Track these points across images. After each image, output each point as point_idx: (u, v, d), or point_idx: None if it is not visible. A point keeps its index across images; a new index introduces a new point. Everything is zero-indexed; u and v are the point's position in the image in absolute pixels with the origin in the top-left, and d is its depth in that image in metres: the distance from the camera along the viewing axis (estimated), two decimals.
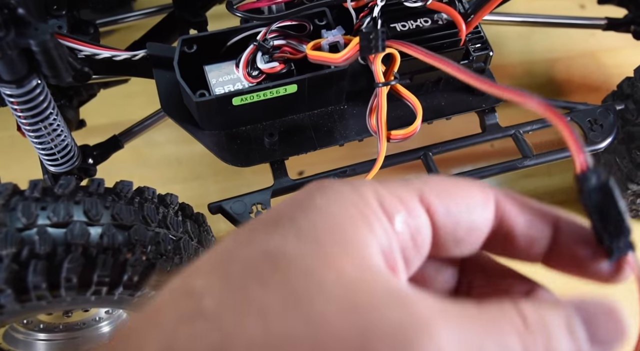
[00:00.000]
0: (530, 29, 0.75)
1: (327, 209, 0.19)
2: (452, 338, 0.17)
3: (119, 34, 0.65)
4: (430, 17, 0.41)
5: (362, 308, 0.17)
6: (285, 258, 0.18)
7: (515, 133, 0.43)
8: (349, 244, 0.18)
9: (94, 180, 0.36)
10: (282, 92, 0.39)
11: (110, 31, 0.68)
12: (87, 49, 0.39)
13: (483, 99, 0.44)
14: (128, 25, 0.64)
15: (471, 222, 0.21)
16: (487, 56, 0.42)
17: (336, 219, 0.19)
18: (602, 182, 0.20)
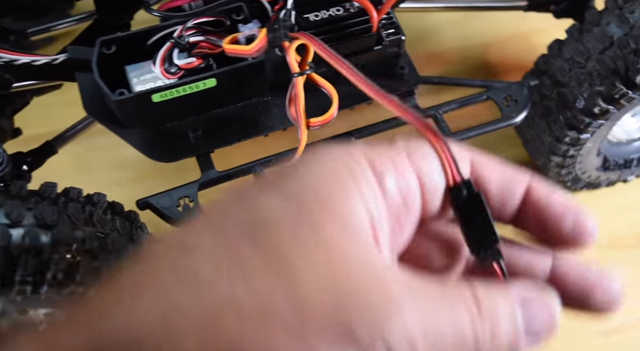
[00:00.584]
0: (465, 17, 0.77)
1: (317, 169, 0.20)
2: (416, 319, 0.18)
3: (61, 42, 0.65)
4: (342, 6, 0.42)
5: (344, 283, 0.18)
6: (273, 220, 0.18)
7: (435, 113, 0.45)
8: (336, 208, 0.19)
9: (16, 183, 0.37)
10: (202, 87, 0.40)
11: (51, 39, 0.68)
12: (4, 55, 0.39)
13: (402, 82, 0.45)
14: (68, 31, 0.64)
15: None
16: (400, 40, 0.43)
17: (324, 180, 0.19)
18: (473, 193, 0.22)
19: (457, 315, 0.19)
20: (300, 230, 0.18)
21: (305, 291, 0.18)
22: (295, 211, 0.19)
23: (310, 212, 0.19)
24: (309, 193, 0.19)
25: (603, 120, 0.47)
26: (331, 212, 0.19)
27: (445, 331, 0.19)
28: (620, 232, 0.60)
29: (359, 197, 0.19)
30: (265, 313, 0.17)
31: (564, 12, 0.58)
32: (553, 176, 0.57)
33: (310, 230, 0.18)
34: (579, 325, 0.54)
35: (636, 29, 0.44)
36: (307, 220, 0.18)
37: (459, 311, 0.19)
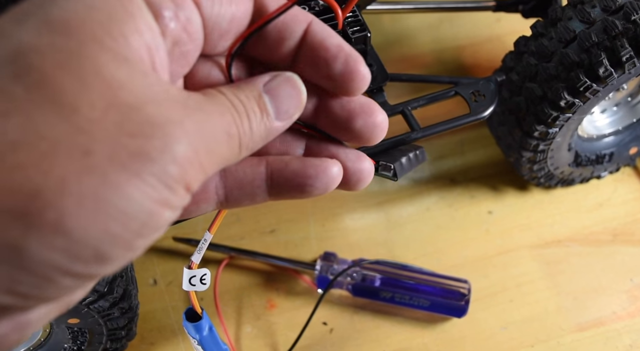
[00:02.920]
0: (439, 20, 0.78)
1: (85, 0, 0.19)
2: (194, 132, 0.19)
3: None
4: (307, 4, 0.42)
5: (124, 107, 0.18)
6: (39, 53, 0.17)
7: (404, 109, 0.45)
8: (108, 39, 0.18)
9: None
10: None
11: None
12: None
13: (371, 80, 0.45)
14: None
15: (232, 13, 0.23)
16: (366, 37, 0.44)
17: (94, 10, 0.19)
18: None
19: (225, 119, 0.21)
20: (71, 61, 0.18)
21: (85, 120, 0.17)
22: (63, 42, 0.18)
23: (80, 44, 0.18)
24: (78, 24, 0.18)
25: (570, 113, 0.48)
26: (103, 43, 0.18)
27: (219, 136, 0.21)
28: (594, 228, 0.61)
29: (133, 27, 0.19)
30: (45, 147, 0.17)
31: (532, 11, 0.59)
32: (526, 172, 0.57)
33: (82, 62, 0.18)
34: (554, 320, 0.55)
35: (597, 23, 0.45)
36: (78, 51, 0.18)
37: (226, 116, 0.21)
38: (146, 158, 0.18)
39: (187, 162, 0.19)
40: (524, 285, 0.57)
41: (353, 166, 0.26)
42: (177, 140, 0.19)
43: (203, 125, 0.20)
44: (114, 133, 0.17)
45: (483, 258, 0.58)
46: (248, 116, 0.22)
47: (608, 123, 0.60)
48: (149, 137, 0.18)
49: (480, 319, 0.55)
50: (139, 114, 0.18)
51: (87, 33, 0.18)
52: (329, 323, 0.54)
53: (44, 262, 0.17)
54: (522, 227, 0.60)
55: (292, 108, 0.24)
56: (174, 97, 0.20)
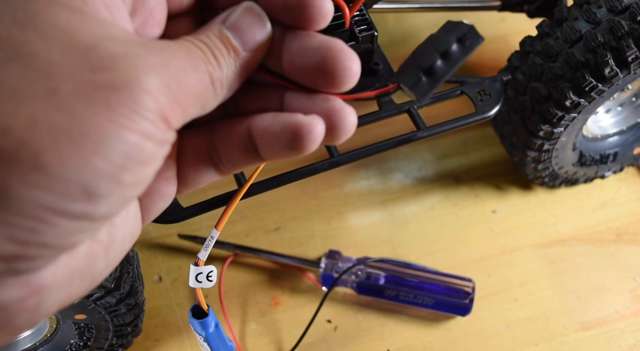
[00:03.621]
0: (445, 19, 0.78)
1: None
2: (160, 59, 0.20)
3: None
4: None
5: (82, 46, 0.18)
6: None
7: (410, 108, 0.46)
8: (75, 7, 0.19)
9: None
10: None
11: None
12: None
13: (377, 78, 0.46)
14: None
15: None
16: (373, 36, 0.44)
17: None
18: None
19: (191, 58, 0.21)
20: (26, 18, 0.18)
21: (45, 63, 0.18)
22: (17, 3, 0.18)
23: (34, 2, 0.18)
24: (49, 14, 0.19)
25: (575, 113, 0.48)
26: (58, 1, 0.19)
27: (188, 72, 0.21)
28: (598, 227, 0.61)
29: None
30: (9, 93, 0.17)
31: (537, 11, 0.60)
32: (530, 172, 0.57)
33: (36, 17, 0.18)
34: (558, 319, 0.55)
35: (603, 23, 0.45)
36: (32, 9, 0.18)
37: (193, 57, 0.21)
38: (112, 89, 0.18)
39: (159, 93, 0.19)
40: (527, 284, 0.57)
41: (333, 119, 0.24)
42: (143, 71, 0.19)
43: (169, 61, 0.20)
44: (76, 71, 0.18)
45: (487, 257, 0.58)
46: (214, 55, 0.22)
47: (612, 123, 0.60)
48: (112, 69, 0.18)
49: (484, 318, 0.55)
50: (99, 51, 0.18)
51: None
52: (333, 321, 0.54)
53: (31, 201, 0.17)
54: (526, 226, 0.60)
55: (258, 35, 0.23)
56: (134, 38, 0.20)
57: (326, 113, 0.24)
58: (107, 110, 0.18)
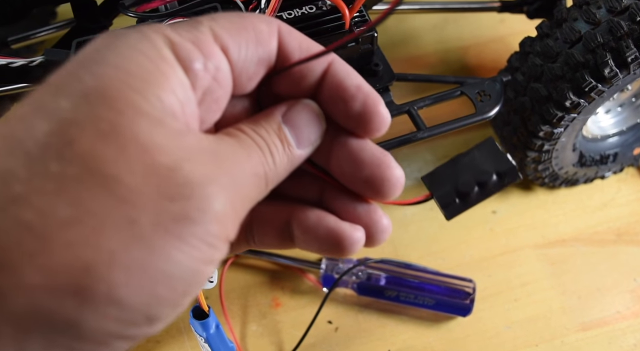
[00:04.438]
0: (444, 21, 0.79)
1: (118, 64, 0.19)
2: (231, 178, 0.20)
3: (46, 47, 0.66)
4: (315, 4, 0.43)
5: (162, 170, 0.18)
6: (78, 126, 0.18)
7: (410, 109, 0.46)
8: (144, 103, 0.19)
9: None
10: None
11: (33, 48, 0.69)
12: None
13: (377, 80, 0.46)
14: (49, 38, 0.64)
15: (259, 56, 0.23)
16: (373, 37, 0.44)
17: (129, 75, 0.19)
18: None
19: (252, 162, 0.22)
20: (109, 132, 0.18)
21: (127, 190, 0.18)
22: (100, 112, 0.18)
23: (117, 113, 0.18)
24: (113, 92, 0.18)
25: (575, 113, 0.48)
26: (139, 108, 0.19)
27: (249, 180, 0.21)
28: (598, 228, 0.61)
29: (166, 86, 0.19)
30: (92, 222, 0.17)
31: (537, 12, 0.60)
32: (530, 172, 0.57)
33: (119, 131, 0.18)
34: (558, 319, 0.55)
35: (603, 24, 0.45)
36: (115, 121, 0.18)
37: (253, 158, 0.22)
38: (188, 221, 0.18)
39: (227, 218, 0.20)
40: (528, 285, 0.57)
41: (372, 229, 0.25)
42: (215, 197, 0.19)
43: (235, 174, 0.20)
44: (156, 199, 0.18)
45: (487, 258, 0.58)
46: (271, 151, 0.22)
47: (612, 123, 0.60)
48: (188, 198, 0.19)
49: (485, 318, 0.55)
50: (177, 176, 0.19)
51: (122, 100, 0.18)
52: (334, 322, 0.54)
53: (100, 330, 0.18)
54: (527, 227, 0.61)
55: (313, 134, 0.24)
56: (206, 150, 0.20)
57: (366, 222, 0.25)
58: (181, 242, 0.18)
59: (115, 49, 0.19)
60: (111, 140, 0.18)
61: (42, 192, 0.17)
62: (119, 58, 0.19)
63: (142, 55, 0.19)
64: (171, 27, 0.21)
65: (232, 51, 0.22)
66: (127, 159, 0.18)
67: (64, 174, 0.17)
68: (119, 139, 0.18)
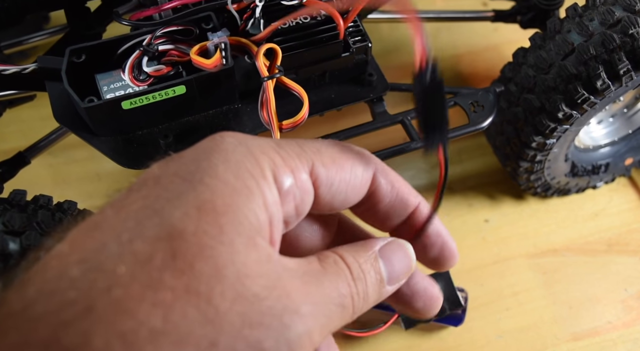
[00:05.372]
0: (437, 29, 0.79)
1: (227, 179, 0.20)
2: (313, 314, 0.20)
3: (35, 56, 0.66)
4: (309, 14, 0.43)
5: (250, 297, 0.19)
6: (186, 237, 0.19)
7: (403, 119, 0.46)
8: (245, 221, 0.20)
9: None
10: (172, 94, 0.41)
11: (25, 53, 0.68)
12: None
13: (371, 89, 0.46)
14: (42, 44, 0.64)
15: (347, 196, 0.25)
16: (367, 47, 0.44)
17: (235, 191, 0.20)
18: (437, 79, 0.23)
19: (339, 287, 0.22)
20: (211, 249, 0.19)
21: (214, 312, 0.18)
22: (208, 228, 0.19)
23: (222, 230, 0.19)
24: (223, 208, 0.20)
25: (568, 125, 0.48)
26: (241, 226, 0.20)
27: (334, 311, 0.21)
28: (590, 238, 0.61)
29: (263, 204, 0.21)
30: (177, 337, 0.18)
31: (530, 22, 0.60)
32: (523, 182, 0.58)
33: (220, 249, 0.19)
34: (549, 329, 0.55)
35: (596, 36, 0.46)
36: (219, 239, 0.19)
37: (340, 284, 0.22)
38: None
39: (299, 346, 0.20)
40: (520, 294, 0.57)
41: None
42: (293, 329, 0.19)
43: (319, 304, 0.21)
44: (238, 325, 0.18)
45: (479, 267, 0.58)
46: (365, 280, 0.23)
47: (604, 134, 0.60)
48: (267, 328, 0.19)
49: (477, 327, 0.55)
50: (262, 305, 0.19)
51: (229, 217, 0.20)
52: None
53: None
54: (519, 236, 0.61)
55: (403, 274, 0.25)
56: (293, 274, 0.21)
57: None
58: None
59: (227, 162, 0.21)
60: (210, 259, 0.19)
61: (139, 299, 0.18)
62: (228, 173, 0.20)
63: (247, 172, 0.21)
64: (279, 147, 0.22)
65: (322, 187, 0.23)
66: (220, 281, 0.19)
67: (162, 286, 0.18)
68: (217, 258, 0.19)
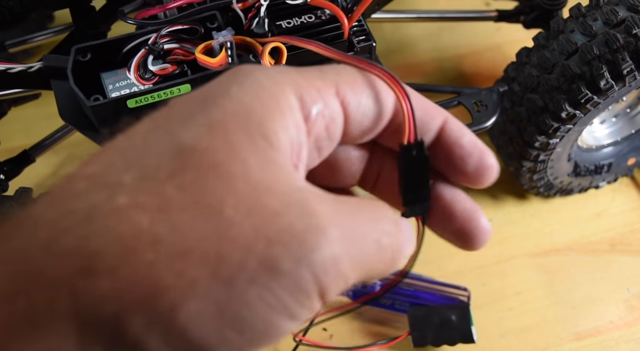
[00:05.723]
0: (440, 29, 0.79)
1: (242, 99, 0.19)
2: (342, 240, 0.18)
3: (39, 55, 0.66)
4: (314, 14, 0.43)
5: (266, 212, 0.18)
6: (196, 153, 0.18)
7: None
8: (261, 139, 0.19)
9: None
10: (177, 92, 0.41)
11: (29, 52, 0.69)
12: None
13: None
14: (47, 43, 0.64)
15: (377, 113, 0.23)
16: (371, 47, 0.44)
17: (250, 110, 0.19)
18: (423, 154, 0.23)
19: (379, 226, 0.20)
20: (224, 164, 0.18)
21: (226, 224, 0.17)
22: (219, 145, 0.18)
23: (235, 147, 0.18)
24: (235, 126, 0.19)
25: (571, 124, 0.48)
26: (256, 144, 0.19)
27: (369, 247, 0.20)
28: (592, 238, 0.61)
29: (284, 125, 0.20)
30: (182, 247, 0.17)
31: (533, 22, 0.60)
32: (526, 182, 0.58)
33: (233, 165, 0.18)
34: (552, 329, 0.55)
35: (599, 36, 0.46)
36: (232, 154, 0.18)
37: (381, 222, 0.20)
38: (278, 271, 0.17)
39: (324, 273, 0.18)
40: (522, 294, 0.57)
41: None
42: (317, 250, 0.18)
43: (351, 232, 0.19)
44: (251, 239, 0.17)
45: (482, 266, 0.59)
46: (407, 235, 0.22)
47: (607, 134, 0.61)
48: (286, 246, 0.17)
49: (479, 327, 0.55)
50: (281, 220, 0.18)
51: (242, 134, 0.19)
52: (329, 329, 0.55)
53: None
54: (521, 236, 0.61)
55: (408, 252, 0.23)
56: (322, 199, 0.19)
57: None
58: (265, 291, 0.17)
59: (241, 84, 0.20)
60: (223, 173, 0.18)
61: (143, 207, 0.17)
62: (242, 94, 0.19)
63: (265, 91, 0.20)
64: (300, 72, 0.21)
65: (350, 106, 0.22)
66: (233, 194, 0.18)
67: (169, 196, 0.17)
68: (230, 173, 0.18)
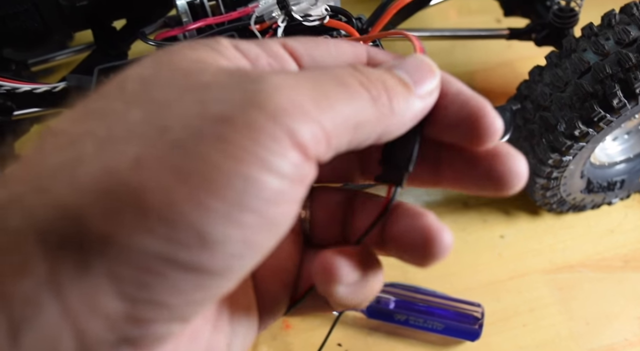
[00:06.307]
0: (452, 45, 0.80)
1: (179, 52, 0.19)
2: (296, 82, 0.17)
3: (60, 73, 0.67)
4: (330, 35, 0.44)
5: (201, 85, 0.17)
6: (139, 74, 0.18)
7: None
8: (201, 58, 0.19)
9: None
10: None
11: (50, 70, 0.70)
12: (6, 83, 0.41)
13: None
14: (67, 62, 0.66)
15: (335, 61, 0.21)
16: None
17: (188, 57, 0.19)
18: None
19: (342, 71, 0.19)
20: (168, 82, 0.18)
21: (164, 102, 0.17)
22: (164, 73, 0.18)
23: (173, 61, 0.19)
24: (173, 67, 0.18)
25: (584, 142, 0.49)
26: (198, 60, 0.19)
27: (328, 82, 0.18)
28: (605, 254, 0.61)
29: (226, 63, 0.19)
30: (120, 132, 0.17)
31: (545, 40, 0.61)
32: (539, 198, 0.58)
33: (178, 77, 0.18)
34: (566, 345, 0.55)
35: (612, 55, 0.46)
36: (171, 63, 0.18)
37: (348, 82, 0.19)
38: (226, 120, 0.16)
39: (282, 111, 0.16)
40: (536, 310, 0.57)
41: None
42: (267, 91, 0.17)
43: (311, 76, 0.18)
44: (190, 106, 0.17)
45: (496, 282, 0.59)
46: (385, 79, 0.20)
47: (620, 150, 0.61)
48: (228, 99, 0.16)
49: (493, 343, 0.55)
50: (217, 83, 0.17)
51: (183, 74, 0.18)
52: (344, 345, 0.55)
53: (138, 248, 0.15)
54: (534, 252, 0.61)
55: (429, 84, 0.21)
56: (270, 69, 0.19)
57: None
58: (220, 142, 0.16)
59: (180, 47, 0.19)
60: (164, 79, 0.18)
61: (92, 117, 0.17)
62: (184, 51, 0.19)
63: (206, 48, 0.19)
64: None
65: (303, 58, 0.21)
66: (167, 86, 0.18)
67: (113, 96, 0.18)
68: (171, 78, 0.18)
